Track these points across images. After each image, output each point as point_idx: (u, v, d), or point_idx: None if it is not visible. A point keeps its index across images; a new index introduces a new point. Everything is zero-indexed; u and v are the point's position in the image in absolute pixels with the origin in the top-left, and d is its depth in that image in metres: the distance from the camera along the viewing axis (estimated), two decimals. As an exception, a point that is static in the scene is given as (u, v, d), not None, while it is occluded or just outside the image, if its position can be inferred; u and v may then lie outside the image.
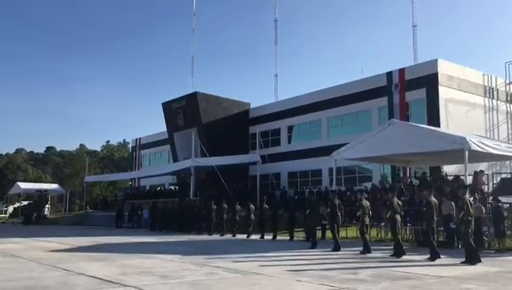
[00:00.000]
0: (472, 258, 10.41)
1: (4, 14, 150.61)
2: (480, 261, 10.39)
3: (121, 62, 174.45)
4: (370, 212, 13.68)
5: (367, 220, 13.36)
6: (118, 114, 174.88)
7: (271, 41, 43.34)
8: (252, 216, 20.43)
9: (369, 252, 12.61)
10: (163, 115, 37.58)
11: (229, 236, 20.36)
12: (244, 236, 19.69)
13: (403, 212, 13.29)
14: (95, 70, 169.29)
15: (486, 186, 17.55)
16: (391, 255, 11.98)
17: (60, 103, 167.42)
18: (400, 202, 13.03)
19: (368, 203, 13.74)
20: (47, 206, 49.41)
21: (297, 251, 13.67)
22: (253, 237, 19.47)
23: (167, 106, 36.98)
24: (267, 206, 20.21)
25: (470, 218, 10.75)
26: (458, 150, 14.34)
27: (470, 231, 10.74)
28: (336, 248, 13.46)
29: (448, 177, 18.64)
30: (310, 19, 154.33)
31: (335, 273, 8.72)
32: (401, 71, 26.70)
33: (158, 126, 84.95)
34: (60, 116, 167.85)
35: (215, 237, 20.46)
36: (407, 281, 7.88)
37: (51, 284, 7.41)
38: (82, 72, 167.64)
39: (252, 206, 20.95)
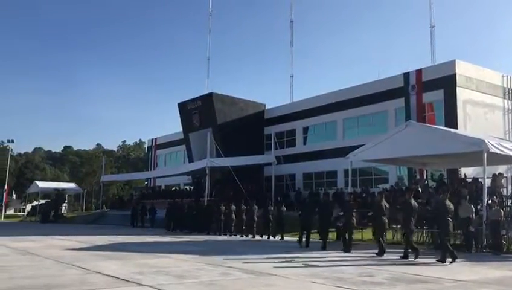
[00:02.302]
0: (444, 256, 10.89)
1: (20, 14, 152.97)
2: (455, 259, 10.78)
3: (138, 62, 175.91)
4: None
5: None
6: (134, 114, 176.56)
7: (287, 42, 43.22)
8: (271, 218, 20.44)
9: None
10: (178, 115, 37.80)
11: (243, 237, 20.40)
12: (262, 237, 19.73)
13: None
14: (111, 69, 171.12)
15: (505, 189, 17.27)
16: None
17: (77, 102, 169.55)
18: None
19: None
20: (64, 205, 50.09)
21: (312, 252, 13.61)
22: (271, 238, 19.54)
23: (183, 106, 37.18)
24: (285, 209, 20.25)
25: (449, 219, 11.24)
26: (476, 152, 14.16)
27: (447, 231, 11.27)
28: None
29: (467, 180, 18.39)
30: (326, 19, 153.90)
31: (350, 276, 8.66)
32: (418, 72, 26.44)
33: (174, 126, 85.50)
34: (77, 116, 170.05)
35: (230, 237, 20.50)
36: (424, 285, 7.79)
37: (68, 283, 7.48)
38: (98, 71, 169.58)
39: (271, 207, 20.96)
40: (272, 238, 19.75)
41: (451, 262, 10.83)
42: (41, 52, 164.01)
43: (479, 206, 14.50)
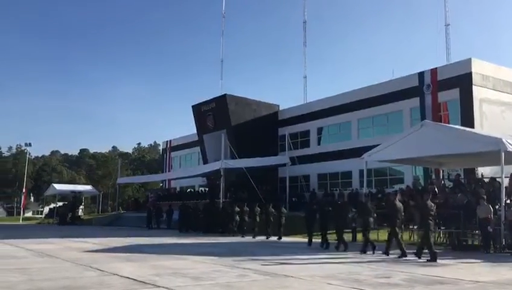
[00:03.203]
0: (433, 257, 11.34)
1: (35, 17, 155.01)
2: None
3: (152, 64, 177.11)
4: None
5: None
6: (148, 116, 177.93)
7: (300, 43, 43.18)
8: (283, 219, 20.45)
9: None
10: (193, 117, 37.97)
11: (256, 238, 20.42)
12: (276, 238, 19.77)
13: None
14: (125, 72, 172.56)
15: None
16: (428, 261, 11.44)
17: (92, 105, 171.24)
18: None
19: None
20: (81, 207, 50.66)
21: (328, 253, 13.57)
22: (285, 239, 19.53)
23: (197, 108, 37.34)
24: (285, 210, 20.59)
25: (430, 221, 11.82)
26: (494, 152, 13.97)
27: (429, 232, 11.87)
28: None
29: (484, 179, 18.15)
30: (339, 19, 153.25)
31: (366, 277, 8.61)
32: (433, 71, 26.19)
33: (188, 128, 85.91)
34: (92, 118, 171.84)
35: (245, 238, 20.53)
36: (443, 286, 7.71)
37: (86, 284, 7.57)
38: (112, 73, 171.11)
39: (284, 209, 20.97)
40: (271, 238, 20.06)
41: (428, 260, 11.33)
42: (57, 55, 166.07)
43: (497, 206, 14.31)
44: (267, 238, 20.26)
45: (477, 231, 14.34)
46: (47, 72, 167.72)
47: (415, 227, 16.65)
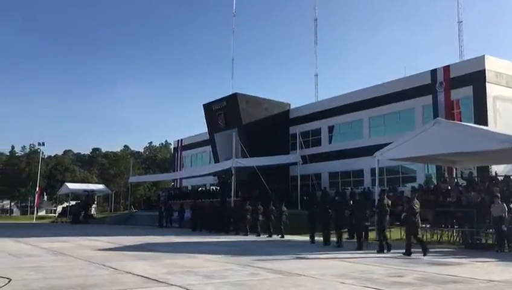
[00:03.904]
0: (425, 250, 12.14)
1: (44, 17, 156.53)
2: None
3: (163, 63, 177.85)
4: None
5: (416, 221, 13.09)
6: (159, 115, 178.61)
7: (310, 41, 43.00)
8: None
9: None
10: (204, 116, 38.07)
11: (270, 237, 20.43)
12: (288, 237, 19.78)
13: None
14: (136, 71, 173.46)
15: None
16: (403, 254, 12.34)
17: (104, 104, 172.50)
18: (417, 204, 13.19)
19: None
20: (94, 206, 51.08)
21: (340, 252, 13.53)
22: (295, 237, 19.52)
23: (208, 107, 37.41)
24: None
25: (414, 218, 12.54)
26: (508, 150, 13.79)
27: (416, 227, 12.66)
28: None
29: (498, 177, 17.96)
30: (350, 16, 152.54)
31: (379, 276, 8.57)
32: (446, 69, 25.94)
33: (199, 127, 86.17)
34: (104, 118, 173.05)
35: (257, 237, 20.55)
36: (456, 285, 7.65)
37: (99, 282, 7.63)
38: (123, 73, 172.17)
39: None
40: (274, 237, 20.29)
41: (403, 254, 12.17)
42: (67, 55, 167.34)
43: (511, 205, 14.15)
44: (269, 236, 20.45)
45: (491, 230, 14.21)
46: (59, 73, 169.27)
47: (428, 226, 16.60)
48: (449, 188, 17.71)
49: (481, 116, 23.26)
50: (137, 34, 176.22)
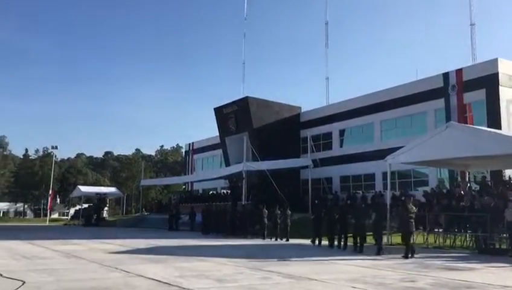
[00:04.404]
0: (409, 253, 12.74)
1: (58, 16, 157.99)
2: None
3: (173, 67, 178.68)
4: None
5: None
6: (171, 119, 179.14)
7: (321, 44, 42.95)
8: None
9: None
10: (215, 119, 38.19)
11: (281, 241, 20.41)
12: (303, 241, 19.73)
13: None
14: (147, 75, 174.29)
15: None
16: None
17: (116, 108, 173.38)
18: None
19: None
20: (106, 208, 51.38)
21: (352, 256, 13.46)
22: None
23: (219, 111, 37.55)
24: (289, 212, 20.80)
25: (410, 221, 13.05)
26: (522, 154, 13.66)
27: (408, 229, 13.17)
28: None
29: (512, 182, 17.78)
30: (361, 19, 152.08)
31: (392, 281, 8.51)
32: (459, 72, 25.77)
33: (210, 131, 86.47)
34: (116, 121, 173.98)
35: (268, 241, 20.52)
36: (470, 291, 7.57)
37: (112, 286, 7.69)
38: (135, 75, 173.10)
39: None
40: (279, 240, 20.33)
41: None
42: (79, 58, 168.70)
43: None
44: (275, 240, 20.53)
45: (504, 235, 14.05)
46: (72, 76, 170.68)
47: (440, 230, 16.49)
48: (462, 192, 17.55)
49: (494, 120, 23.05)
50: (148, 38, 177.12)
